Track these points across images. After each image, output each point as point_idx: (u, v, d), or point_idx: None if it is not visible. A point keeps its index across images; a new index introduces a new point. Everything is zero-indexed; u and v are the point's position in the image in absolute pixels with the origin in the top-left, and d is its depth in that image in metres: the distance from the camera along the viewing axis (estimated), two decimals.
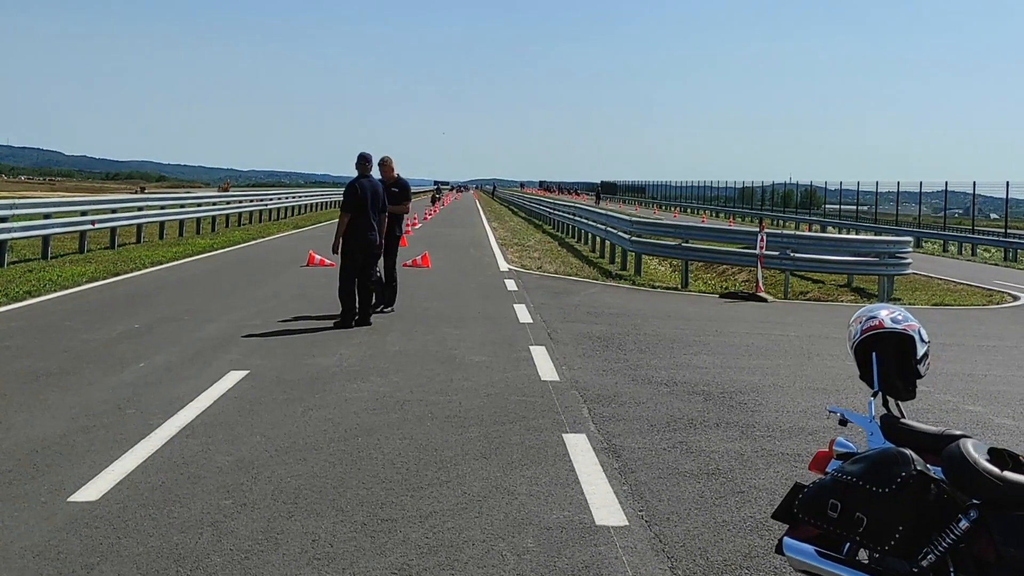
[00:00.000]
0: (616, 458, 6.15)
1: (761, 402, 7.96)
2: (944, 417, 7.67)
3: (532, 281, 17.64)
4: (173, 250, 21.45)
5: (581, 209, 32.09)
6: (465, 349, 9.95)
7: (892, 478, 3.26)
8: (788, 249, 17.53)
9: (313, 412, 7.09)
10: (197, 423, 6.68)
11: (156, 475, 5.49)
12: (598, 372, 8.98)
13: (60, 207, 20.36)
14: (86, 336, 10.04)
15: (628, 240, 20.33)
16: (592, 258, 24.80)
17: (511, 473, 5.72)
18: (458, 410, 7.28)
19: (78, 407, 7.01)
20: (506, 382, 8.37)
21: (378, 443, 6.29)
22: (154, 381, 7.98)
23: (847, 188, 57.28)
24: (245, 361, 8.92)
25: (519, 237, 32.93)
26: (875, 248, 18.17)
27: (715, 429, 7.00)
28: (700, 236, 19.98)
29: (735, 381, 8.78)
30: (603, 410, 7.45)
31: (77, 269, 16.43)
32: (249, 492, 5.24)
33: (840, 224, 50.56)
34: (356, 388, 7.95)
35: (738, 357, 10.14)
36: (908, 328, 3.70)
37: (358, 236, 11.42)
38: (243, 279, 16.40)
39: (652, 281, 19.23)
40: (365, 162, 11.69)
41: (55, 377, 8.02)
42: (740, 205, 75.12)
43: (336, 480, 5.50)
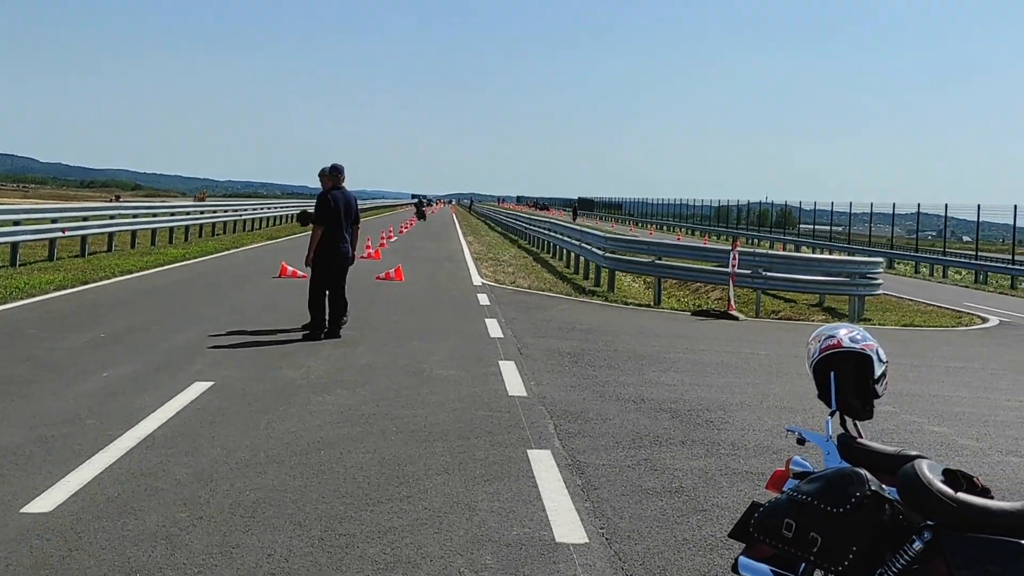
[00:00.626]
0: (580, 475, 6.12)
1: (728, 420, 7.96)
2: (908, 438, 7.70)
3: (505, 296, 17.61)
4: (144, 259, 21.27)
5: (557, 225, 32.14)
6: (434, 363, 9.90)
7: (847, 498, 3.26)
8: (760, 268, 17.62)
9: (276, 424, 7.02)
10: (158, 434, 6.59)
11: (112, 487, 5.41)
12: (566, 388, 8.96)
13: (30, 214, 20.13)
14: (50, 344, 9.92)
15: (602, 256, 20.36)
16: (567, 274, 24.80)
17: (473, 489, 5.68)
18: (423, 424, 7.23)
19: (37, 416, 6.91)
20: (473, 397, 8.33)
21: (340, 457, 6.24)
22: (117, 391, 7.89)
23: (822, 208, 57.70)
24: (211, 372, 8.84)
25: (494, 251, 32.91)
26: (846, 268, 18.28)
27: (680, 447, 6.99)
28: (673, 253, 20.04)
29: (703, 399, 8.79)
30: (569, 426, 7.42)
31: (45, 277, 16.26)
32: (206, 505, 5.17)
33: (814, 244, 50.85)
34: (321, 401, 7.89)
35: (707, 375, 10.15)
36: (866, 347, 3.70)
37: (330, 249, 11.37)
38: (214, 290, 16.28)
39: (625, 298, 19.25)
40: (338, 174, 11.64)
41: (15, 386, 7.91)
42: (716, 224, 75.51)
43: (296, 494, 5.44)
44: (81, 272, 17.47)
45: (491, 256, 30.13)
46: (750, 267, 17.55)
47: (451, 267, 24.32)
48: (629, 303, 18.26)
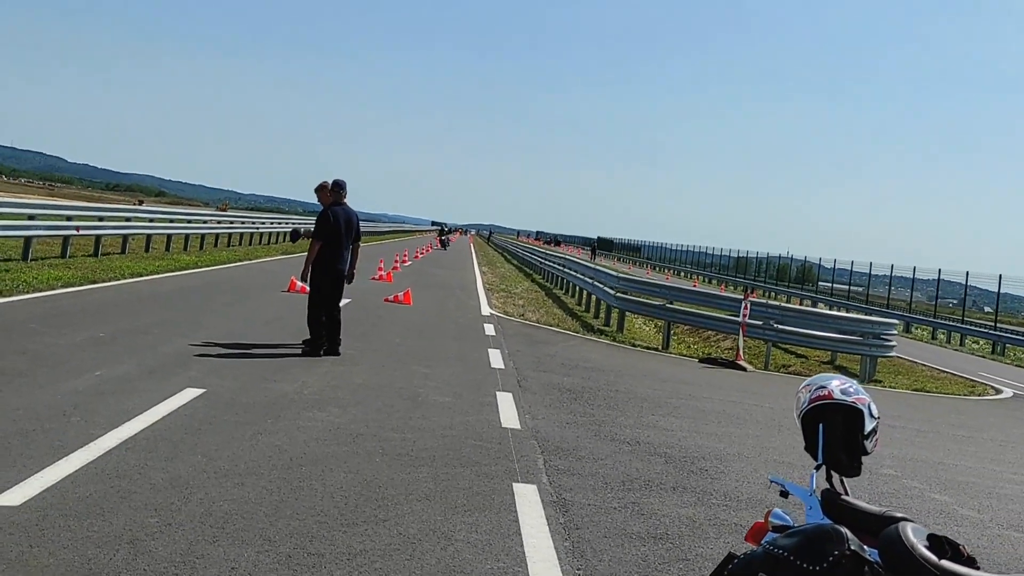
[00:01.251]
0: (563, 512, 5.97)
1: (723, 470, 7.79)
2: (908, 503, 7.52)
3: (512, 328, 17.49)
4: (156, 264, 21.28)
5: (571, 261, 32.05)
6: (431, 388, 9.78)
7: (824, 556, 3.11)
8: (772, 320, 17.45)
9: (262, 437, 6.91)
10: (140, 437, 6.49)
11: (85, 486, 5.30)
12: (561, 424, 8.82)
13: (45, 210, 20.19)
14: (48, 340, 9.86)
15: (613, 296, 20.22)
16: (577, 311, 24.67)
17: (452, 518, 5.54)
18: (411, 448, 7.10)
19: (23, 409, 6.83)
20: (465, 425, 8.19)
21: (321, 474, 6.11)
22: (107, 391, 7.80)
23: (842, 267, 57.44)
24: (204, 379, 8.74)
25: (507, 283, 32.83)
26: (860, 327, 18.08)
27: (671, 493, 6.83)
28: (685, 299, 19.89)
29: (700, 447, 8.62)
30: (559, 463, 7.28)
31: (54, 273, 16.27)
32: (177, 512, 5.05)
33: (831, 302, 50.58)
34: (311, 417, 7.77)
35: (707, 423, 9.99)
36: (858, 401, 3.58)
37: (328, 265, 11.29)
38: (220, 299, 16.24)
39: (634, 339, 19.10)
40: (339, 189, 11.58)
41: (5, 377, 7.83)
42: (735, 274, 75.25)
43: (270, 508, 5.31)
44: (91, 271, 17.47)
45: (503, 288, 30.04)
46: (762, 318, 17.39)
47: (461, 295, 24.23)
48: (637, 345, 18.10)
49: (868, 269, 52.05)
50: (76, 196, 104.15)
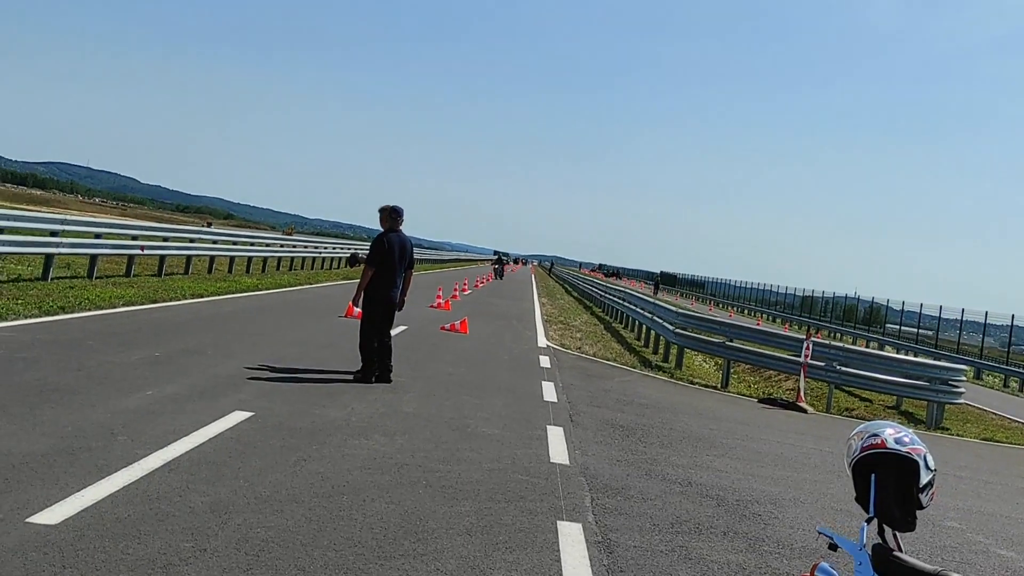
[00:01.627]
0: (608, 554, 5.78)
1: (777, 515, 7.53)
2: (971, 558, 7.18)
3: (568, 360, 17.32)
4: (217, 285, 21.54)
5: (631, 295, 31.77)
6: (480, 420, 9.65)
7: None
8: (835, 361, 17.03)
9: (306, 464, 6.83)
10: (184, 459, 6.46)
11: (124, 507, 5.26)
12: (612, 461, 8.62)
13: (112, 228, 20.57)
14: (104, 357, 9.95)
15: (672, 332, 19.95)
16: (636, 346, 24.40)
17: (492, 554, 5.39)
18: (455, 481, 6.97)
19: (71, 427, 6.85)
20: (513, 458, 8.04)
21: (362, 504, 6.01)
22: (156, 411, 7.81)
23: (911, 310, 56.19)
24: (253, 402, 8.73)
25: (566, 315, 32.64)
26: (926, 372, 17.55)
27: (721, 538, 6.60)
28: (745, 336, 19.53)
29: (754, 490, 8.36)
30: (607, 501, 7.08)
31: (117, 291, 16.51)
32: (214, 538, 4.97)
33: (899, 345, 49.43)
34: (357, 445, 7.69)
35: (763, 465, 9.71)
36: (913, 451, 3.36)
37: (380, 291, 11.25)
38: (277, 322, 16.34)
39: (692, 377, 18.79)
40: (397, 216, 11.56)
41: (59, 394, 7.89)
42: (800, 313, 74.06)
43: (308, 537, 5.22)
44: (153, 291, 17.72)
45: (561, 320, 29.87)
46: (824, 359, 16.98)
47: (519, 326, 24.10)
48: (695, 382, 17.79)
49: (938, 312, 50.86)
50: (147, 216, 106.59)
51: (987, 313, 47.69)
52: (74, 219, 19.07)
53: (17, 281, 16.24)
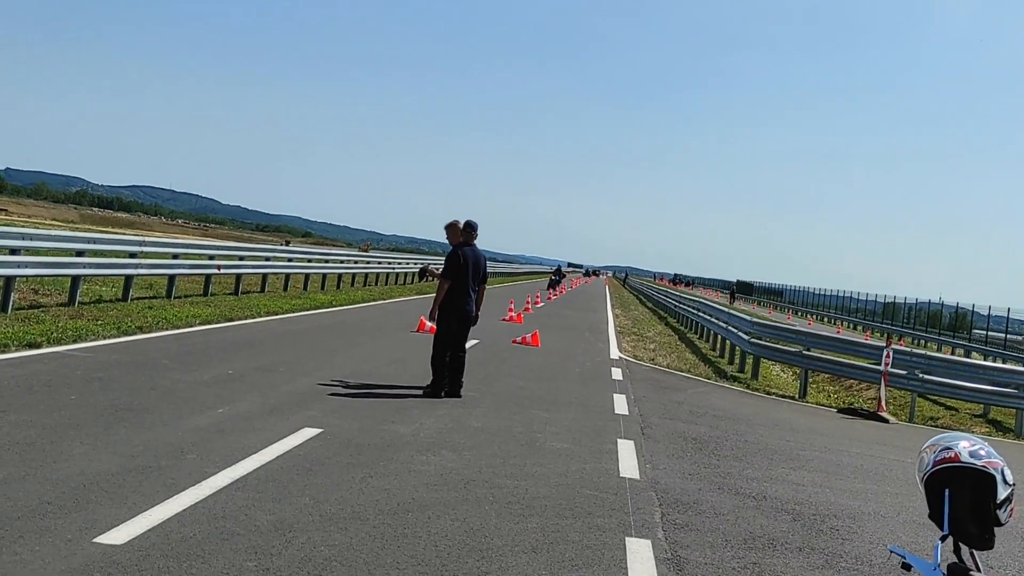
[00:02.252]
0: (677, 571, 5.64)
1: (856, 530, 7.28)
2: None
3: (640, 372, 17.11)
4: (292, 302, 21.82)
5: (706, 305, 31.36)
6: (549, 434, 9.55)
7: None
8: (917, 369, 16.53)
9: (372, 480, 6.82)
10: (251, 477, 6.49)
11: (191, 526, 5.29)
12: (683, 475, 8.44)
13: (188, 249, 20.99)
14: (177, 376, 10.11)
15: (747, 341, 19.60)
16: (711, 356, 24.05)
17: (557, 572, 5.28)
18: (523, 497, 6.88)
19: (142, 446, 6.94)
20: (582, 473, 7.93)
21: (428, 521, 5.96)
22: (226, 429, 7.89)
23: (998, 315, 54.43)
24: (322, 419, 8.77)
25: (639, 327, 32.36)
26: (1015, 379, 16.92)
27: (796, 554, 6.40)
28: (823, 345, 19.08)
29: (832, 504, 8.11)
30: (677, 517, 6.93)
31: (194, 311, 16.82)
32: (277, 557, 4.97)
33: (986, 351, 47.92)
34: (424, 460, 7.66)
35: (842, 478, 9.42)
36: (989, 465, 3.19)
37: (455, 305, 11.24)
38: (349, 338, 16.46)
39: (769, 387, 18.42)
40: (471, 231, 11.55)
41: (132, 413, 8.02)
42: (882, 320, 72.33)
43: (371, 555, 5.18)
44: (229, 309, 18.01)
45: (635, 331, 29.60)
46: (906, 367, 16.49)
47: (591, 338, 23.95)
48: (772, 393, 17.43)
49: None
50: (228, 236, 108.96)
51: None
52: (152, 240, 19.53)
53: (99, 302, 16.65)
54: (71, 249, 16.64)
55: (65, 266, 15.60)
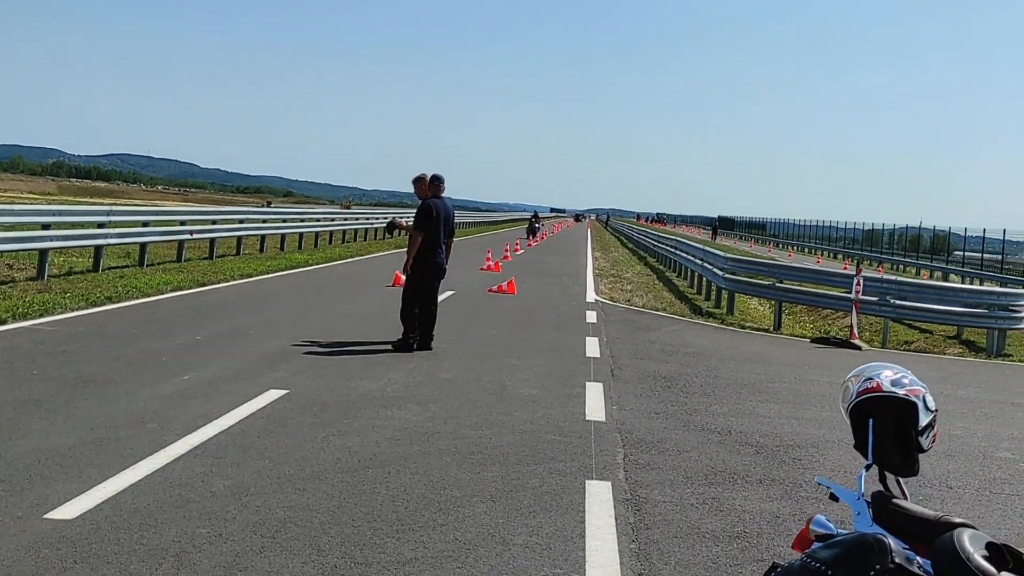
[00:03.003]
0: (635, 511, 5.69)
1: (818, 459, 7.36)
2: (1021, 489, 6.94)
3: (615, 314, 17.16)
4: (267, 264, 21.74)
5: (681, 243, 31.37)
6: (518, 381, 9.59)
7: (864, 570, 2.79)
8: (888, 295, 16.61)
9: (334, 439, 6.84)
10: (211, 443, 6.50)
11: (144, 496, 5.30)
12: (649, 415, 8.51)
13: (159, 215, 20.83)
14: (145, 345, 10.08)
15: (722, 277, 19.66)
16: (688, 294, 24.12)
17: (514, 520, 5.34)
18: (486, 446, 6.92)
19: (102, 418, 6.94)
20: (547, 419, 7.97)
21: (387, 477, 5.99)
22: (190, 395, 7.88)
23: (974, 235, 54.65)
24: (289, 380, 8.77)
25: (618, 268, 32.40)
26: (984, 299, 17.04)
27: (757, 486, 6.47)
28: (794, 277, 19.16)
29: (796, 433, 8.19)
30: (640, 457, 6.98)
31: (166, 277, 16.75)
32: (231, 522, 4.99)
33: (964, 272, 48.19)
34: (389, 416, 7.69)
35: (808, 407, 9.50)
36: (911, 393, 3.21)
37: (427, 258, 11.22)
38: (323, 296, 16.44)
39: (744, 321, 18.52)
40: (439, 183, 11.50)
41: (94, 386, 8.00)
42: (864, 248, 72.58)
43: (327, 515, 5.21)
44: (202, 274, 17.93)
45: (613, 273, 29.64)
46: (877, 294, 16.57)
47: (568, 283, 23.98)
48: (747, 327, 17.53)
49: (1002, 236, 49.43)
50: (208, 200, 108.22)
51: None
52: (121, 209, 19.37)
53: (69, 274, 16.53)
54: (37, 223, 16.48)
55: (31, 240, 15.46)
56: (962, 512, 6.16)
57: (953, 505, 6.34)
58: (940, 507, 6.23)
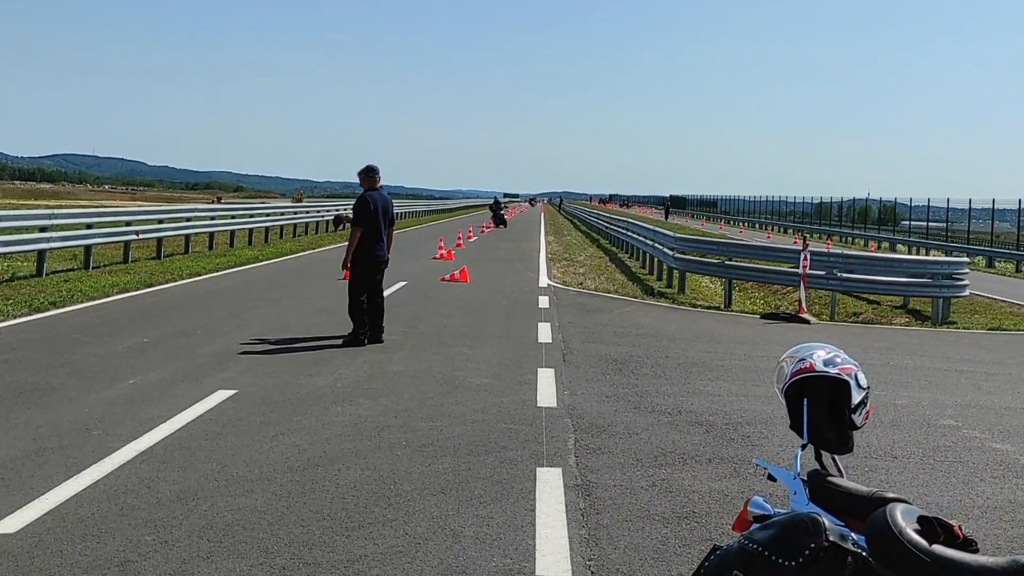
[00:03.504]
0: (585, 497, 5.72)
1: (766, 435, 7.45)
2: (965, 456, 7.08)
3: (567, 298, 17.21)
4: (217, 261, 21.51)
5: (633, 224, 31.52)
6: (470, 370, 9.59)
7: (799, 549, 2.83)
8: (835, 269, 16.85)
9: (283, 437, 6.80)
10: (158, 448, 6.43)
11: (89, 505, 5.23)
12: (600, 398, 8.55)
13: (103, 217, 20.50)
14: (89, 350, 9.93)
15: (672, 257, 19.79)
16: (641, 275, 24.26)
17: (464, 511, 5.34)
18: (436, 438, 6.92)
19: (45, 427, 6.82)
20: (499, 407, 7.98)
21: (336, 474, 5.96)
22: (136, 399, 7.78)
23: (919, 205, 55.57)
24: (237, 379, 8.69)
25: (571, 252, 32.48)
26: (928, 269, 17.35)
27: (706, 465, 6.53)
28: (743, 254, 19.35)
29: (745, 411, 8.27)
30: (590, 441, 7.02)
31: (112, 279, 16.50)
32: (177, 527, 4.94)
33: (911, 243, 48.94)
34: (339, 412, 7.65)
35: (757, 384, 9.60)
36: (843, 372, 3.25)
37: (368, 252, 11.18)
38: (273, 292, 16.30)
39: (695, 300, 18.66)
40: (373, 175, 11.45)
41: (38, 394, 7.87)
42: (814, 221, 73.47)
43: (275, 516, 5.17)
44: (149, 275, 17.69)
45: (566, 256, 29.72)
46: (825, 268, 16.79)
47: (521, 268, 24.00)
48: (698, 306, 17.66)
49: (946, 204, 50.30)
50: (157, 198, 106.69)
51: (994, 200, 47.04)
52: (63, 212, 19.01)
53: (12, 280, 16.23)
54: None
55: None
56: (907, 481, 6.28)
57: (898, 475, 6.45)
58: (885, 478, 6.34)
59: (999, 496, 6.08)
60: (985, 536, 5.18)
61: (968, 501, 5.95)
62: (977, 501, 5.95)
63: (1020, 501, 5.99)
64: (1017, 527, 5.48)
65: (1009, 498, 6.04)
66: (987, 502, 5.94)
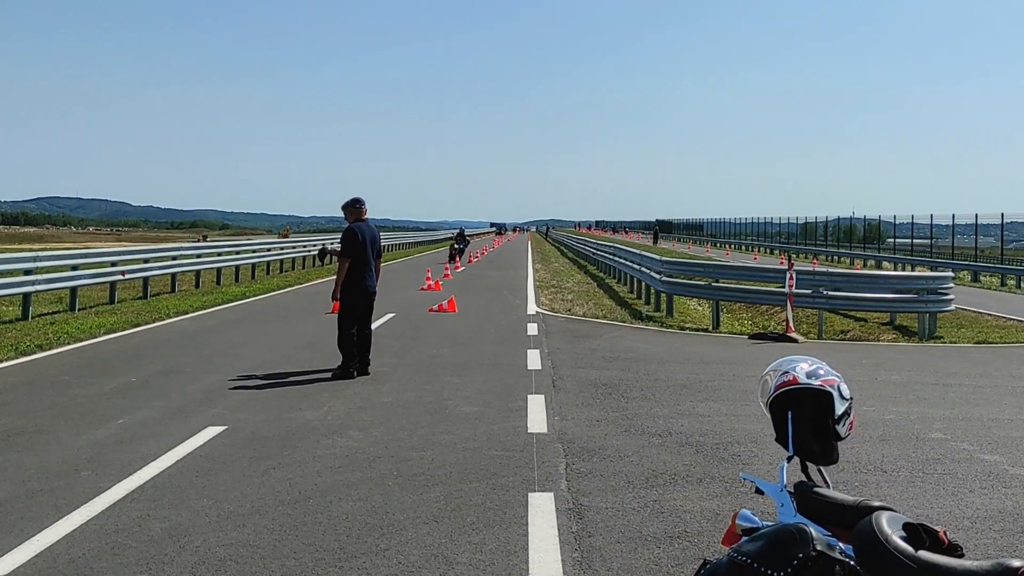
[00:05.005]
0: (578, 520, 5.73)
1: (756, 454, 7.47)
2: (954, 468, 7.12)
3: (556, 325, 17.24)
4: (203, 299, 21.47)
5: (620, 249, 31.64)
6: (460, 399, 9.60)
7: (787, 560, 2.85)
8: (821, 287, 16.94)
9: (274, 471, 6.79)
10: (148, 486, 6.41)
11: (80, 546, 5.20)
12: (590, 423, 8.56)
13: (88, 258, 20.45)
14: (77, 391, 9.90)
15: (659, 280, 19.87)
16: (629, 299, 24.33)
17: (457, 539, 5.34)
18: (428, 467, 6.92)
19: (34, 469, 6.80)
20: (489, 435, 7.99)
21: (328, 506, 5.96)
22: (125, 439, 7.76)
23: (903, 222, 55.93)
24: (227, 416, 8.68)
25: (559, 279, 32.55)
26: (913, 285, 17.45)
27: (696, 486, 6.55)
28: (729, 275, 19.44)
29: (735, 430, 8.30)
30: (582, 465, 7.03)
31: (99, 320, 16.45)
32: (169, 564, 4.92)
33: (896, 259, 49.23)
34: (330, 444, 7.64)
35: (746, 403, 9.63)
36: (826, 383, 3.29)
37: (357, 283, 11.20)
38: (260, 328, 16.27)
39: (683, 323, 18.72)
40: (360, 206, 11.50)
41: (26, 436, 7.84)
42: (802, 241, 73.81)
43: (268, 549, 5.16)
44: (136, 315, 17.64)
45: (554, 284, 29.77)
46: (811, 286, 16.88)
47: (509, 296, 24.03)
48: (686, 328, 17.72)
49: (930, 221, 50.63)
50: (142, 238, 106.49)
51: (977, 215, 47.31)
52: (48, 254, 18.91)
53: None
54: None
55: None
56: (897, 494, 6.31)
57: (888, 488, 6.48)
58: (876, 491, 6.37)
59: (988, 506, 6.11)
60: (975, 546, 5.21)
61: (958, 512, 5.98)
62: (967, 512, 5.98)
63: (1009, 511, 6.02)
64: (1007, 537, 5.51)
65: (998, 508, 6.08)
66: (976, 512, 5.97)
